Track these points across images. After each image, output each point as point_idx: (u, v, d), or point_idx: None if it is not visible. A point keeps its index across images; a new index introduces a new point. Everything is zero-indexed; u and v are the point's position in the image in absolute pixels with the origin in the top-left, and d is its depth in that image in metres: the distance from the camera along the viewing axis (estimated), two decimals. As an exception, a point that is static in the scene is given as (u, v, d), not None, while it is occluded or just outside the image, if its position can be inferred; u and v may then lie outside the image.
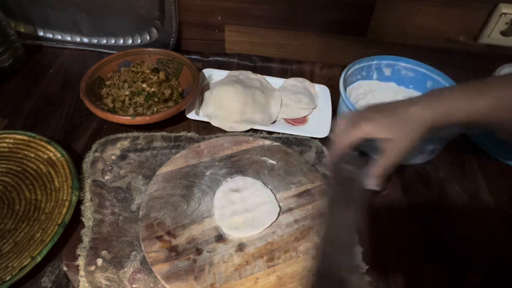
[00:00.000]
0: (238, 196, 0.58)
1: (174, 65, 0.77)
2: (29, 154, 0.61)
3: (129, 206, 0.57)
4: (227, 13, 0.81)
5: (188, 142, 0.67)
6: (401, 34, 0.80)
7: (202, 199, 0.58)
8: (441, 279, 0.52)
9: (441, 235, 0.57)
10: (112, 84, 0.72)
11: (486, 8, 0.74)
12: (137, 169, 0.62)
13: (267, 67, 0.86)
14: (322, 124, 0.71)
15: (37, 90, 0.76)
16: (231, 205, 0.57)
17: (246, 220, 0.55)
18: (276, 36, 0.84)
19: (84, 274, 0.49)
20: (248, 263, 0.51)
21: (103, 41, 0.86)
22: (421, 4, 0.75)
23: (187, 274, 0.49)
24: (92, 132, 0.68)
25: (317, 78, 0.83)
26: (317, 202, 0.58)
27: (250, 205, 0.57)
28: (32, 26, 0.85)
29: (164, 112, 0.66)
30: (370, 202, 0.60)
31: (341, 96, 0.68)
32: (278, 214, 0.56)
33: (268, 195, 0.58)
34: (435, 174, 0.66)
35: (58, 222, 0.52)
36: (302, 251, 0.52)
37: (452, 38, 0.80)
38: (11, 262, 0.49)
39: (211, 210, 0.57)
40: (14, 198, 0.56)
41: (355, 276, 0.48)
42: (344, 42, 0.83)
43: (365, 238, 0.56)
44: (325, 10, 0.78)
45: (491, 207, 0.61)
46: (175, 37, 0.83)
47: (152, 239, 0.53)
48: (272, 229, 0.55)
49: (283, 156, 0.64)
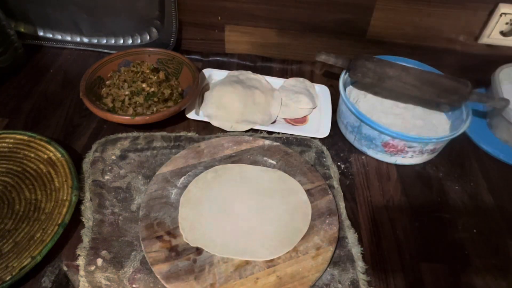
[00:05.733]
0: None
1: (174, 65, 0.77)
2: (29, 154, 0.61)
3: (129, 206, 0.57)
4: (227, 13, 0.81)
5: (188, 142, 0.67)
6: (401, 34, 0.80)
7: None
8: (441, 279, 0.52)
9: (441, 235, 0.57)
10: (112, 84, 0.72)
11: (486, 8, 0.74)
12: (137, 169, 0.62)
13: (267, 67, 0.86)
14: (322, 124, 0.72)
15: (37, 90, 0.76)
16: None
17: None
18: (276, 36, 0.84)
19: (84, 274, 0.49)
20: (248, 263, 0.51)
21: (103, 41, 0.86)
22: (421, 4, 0.75)
23: (187, 274, 0.49)
24: (92, 132, 0.68)
25: (317, 78, 0.84)
26: (317, 202, 0.58)
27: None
28: (32, 26, 0.85)
29: (164, 112, 0.66)
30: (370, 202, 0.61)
31: (341, 96, 0.68)
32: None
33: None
34: (435, 174, 0.66)
35: (58, 222, 0.52)
36: (302, 251, 0.52)
37: (452, 38, 0.80)
38: (11, 262, 0.49)
39: (211, 210, 0.57)
40: (14, 198, 0.56)
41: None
42: (344, 42, 0.83)
43: (365, 238, 0.56)
44: (325, 10, 0.78)
45: (491, 207, 0.61)
46: (175, 37, 0.83)
47: (152, 239, 0.53)
48: (272, 229, 0.55)
49: (283, 156, 0.64)
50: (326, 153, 0.67)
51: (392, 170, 0.66)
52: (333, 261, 0.52)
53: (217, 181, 0.60)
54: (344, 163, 0.66)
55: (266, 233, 0.54)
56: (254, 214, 0.56)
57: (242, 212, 0.56)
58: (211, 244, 0.52)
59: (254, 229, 0.54)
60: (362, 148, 0.68)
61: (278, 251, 0.52)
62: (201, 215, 0.55)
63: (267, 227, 0.55)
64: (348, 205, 0.60)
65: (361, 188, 0.63)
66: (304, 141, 0.68)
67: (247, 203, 0.57)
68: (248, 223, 0.55)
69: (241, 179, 0.60)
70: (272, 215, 0.56)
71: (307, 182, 0.61)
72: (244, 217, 0.55)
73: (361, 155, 0.68)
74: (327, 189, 0.60)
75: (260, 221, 0.55)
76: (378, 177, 0.65)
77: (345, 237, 0.55)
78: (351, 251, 0.53)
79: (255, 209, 0.57)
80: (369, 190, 0.63)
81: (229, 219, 0.55)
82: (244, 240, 0.53)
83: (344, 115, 0.69)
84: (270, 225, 0.55)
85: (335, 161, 0.66)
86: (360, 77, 0.68)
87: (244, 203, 0.57)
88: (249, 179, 0.60)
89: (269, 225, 0.55)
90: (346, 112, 0.68)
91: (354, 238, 0.55)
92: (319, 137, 0.69)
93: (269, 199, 0.58)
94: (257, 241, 0.53)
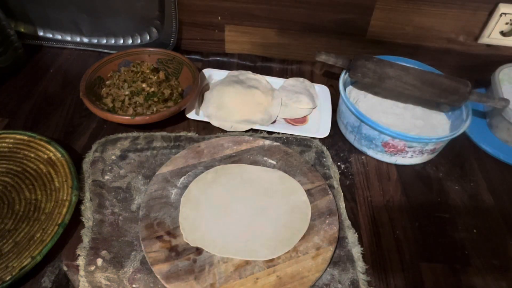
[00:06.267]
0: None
1: (174, 65, 0.77)
2: (29, 154, 0.61)
3: (129, 206, 0.57)
4: (227, 13, 0.81)
5: (188, 142, 0.67)
6: (401, 34, 0.80)
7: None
8: (441, 279, 0.52)
9: (441, 235, 0.57)
10: (112, 84, 0.72)
11: (486, 8, 0.74)
12: (137, 169, 0.62)
13: (267, 67, 0.86)
14: (322, 124, 0.72)
15: (37, 90, 0.76)
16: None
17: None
18: (276, 36, 0.84)
19: (84, 274, 0.49)
20: (248, 263, 0.51)
21: (103, 41, 0.86)
22: (421, 4, 0.75)
23: (187, 274, 0.49)
24: (92, 132, 0.68)
25: (317, 78, 0.84)
26: (317, 202, 0.58)
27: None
28: (32, 26, 0.85)
29: (164, 112, 0.66)
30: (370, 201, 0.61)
31: (341, 96, 0.68)
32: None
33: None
34: (435, 174, 0.66)
35: (58, 222, 0.52)
36: (302, 251, 0.52)
37: (452, 38, 0.80)
38: (11, 262, 0.49)
39: (211, 210, 0.57)
40: (14, 198, 0.56)
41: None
42: (344, 42, 0.83)
43: (365, 238, 0.56)
44: (325, 10, 0.78)
45: (491, 207, 0.61)
46: (175, 37, 0.83)
47: (152, 239, 0.53)
48: (272, 229, 0.55)
49: (283, 156, 0.64)
50: (326, 153, 0.67)
51: (392, 170, 0.66)
52: (333, 261, 0.52)
53: (217, 182, 0.60)
54: (344, 163, 0.66)
55: (266, 233, 0.54)
56: (254, 214, 0.56)
57: (242, 212, 0.56)
58: (211, 244, 0.52)
59: (254, 229, 0.54)
60: (362, 148, 0.68)
61: (278, 251, 0.52)
62: (202, 215, 0.55)
63: (267, 227, 0.55)
64: (348, 205, 0.60)
65: (361, 188, 0.63)
66: (304, 141, 0.68)
67: (247, 203, 0.57)
68: (248, 223, 0.55)
69: (241, 179, 0.60)
70: (272, 215, 0.56)
71: (307, 182, 0.61)
72: (244, 217, 0.55)
73: (361, 155, 0.68)
74: (327, 189, 0.60)
75: (260, 221, 0.55)
76: (378, 177, 0.65)
77: (345, 237, 0.55)
78: (351, 251, 0.53)
79: (255, 209, 0.57)
80: (369, 190, 0.63)
81: (229, 219, 0.55)
82: (244, 240, 0.53)
83: (344, 115, 0.69)
84: (270, 225, 0.55)
85: (335, 161, 0.66)
86: (360, 77, 0.68)
87: (244, 203, 0.57)
88: (249, 179, 0.60)
89: (269, 225, 0.55)
90: (346, 112, 0.68)
91: (354, 238, 0.55)
92: (319, 137, 0.69)
93: (269, 199, 0.58)
94: (257, 241, 0.53)
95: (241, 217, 0.55)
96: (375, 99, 0.73)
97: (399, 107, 0.72)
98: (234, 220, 0.55)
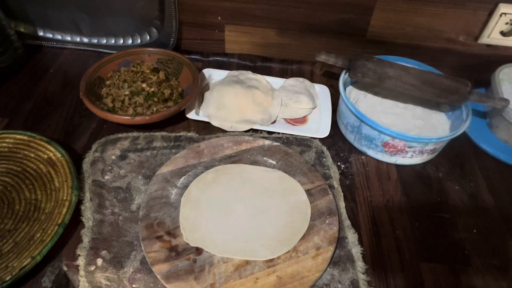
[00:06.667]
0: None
1: (174, 65, 0.77)
2: (29, 154, 0.61)
3: (129, 206, 0.57)
4: (227, 13, 0.81)
5: (188, 142, 0.67)
6: (401, 34, 0.80)
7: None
8: (441, 279, 0.52)
9: (441, 235, 0.57)
10: (112, 84, 0.72)
11: (486, 8, 0.74)
12: (137, 169, 0.62)
13: (267, 67, 0.86)
14: (322, 124, 0.72)
15: (37, 90, 0.76)
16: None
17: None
18: (276, 36, 0.84)
19: (84, 274, 0.49)
20: (248, 263, 0.51)
21: (103, 41, 0.86)
22: (421, 4, 0.75)
23: (187, 274, 0.49)
24: (92, 132, 0.68)
25: (317, 78, 0.84)
26: (317, 202, 0.58)
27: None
28: (32, 26, 0.85)
29: (164, 112, 0.66)
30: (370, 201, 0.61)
31: (341, 96, 0.68)
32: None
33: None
34: (435, 174, 0.66)
35: (58, 222, 0.52)
36: (302, 251, 0.52)
37: (452, 38, 0.80)
38: (11, 262, 0.49)
39: (211, 210, 0.57)
40: (14, 198, 0.56)
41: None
42: (344, 42, 0.83)
43: (365, 238, 0.56)
44: (325, 10, 0.78)
45: (491, 207, 0.61)
46: (175, 37, 0.83)
47: (152, 239, 0.53)
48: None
49: (283, 156, 0.64)
50: (326, 153, 0.67)
51: (392, 170, 0.66)
52: (333, 261, 0.52)
53: (217, 182, 0.60)
54: (344, 163, 0.66)
55: (266, 233, 0.54)
56: (254, 214, 0.56)
57: (242, 212, 0.56)
58: (211, 244, 0.52)
59: (254, 229, 0.54)
60: (362, 148, 0.68)
61: (278, 251, 0.52)
62: (202, 215, 0.55)
63: (267, 227, 0.55)
64: (348, 205, 0.60)
65: (361, 188, 0.63)
66: (304, 141, 0.68)
67: (247, 203, 0.57)
68: (248, 223, 0.55)
69: (241, 180, 0.60)
70: (272, 215, 0.56)
71: (307, 182, 0.61)
72: (244, 217, 0.55)
73: (361, 155, 0.68)
74: (327, 189, 0.60)
75: (260, 221, 0.55)
76: (378, 177, 0.65)
77: (345, 237, 0.55)
78: (351, 251, 0.53)
79: (255, 209, 0.57)
80: (369, 190, 0.63)
81: (229, 219, 0.55)
82: (244, 240, 0.53)
83: (344, 115, 0.69)
84: (270, 225, 0.55)
85: (335, 161, 0.66)
86: (360, 77, 0.68)
87: (244, 203, 0.57)
88: (249, 179, 0.60)
89: (269, 225, 0.55)
90: (346, 112, 0.68)
91: (354, 238, 0.55)
92: (319, 137, 0.69)
93: (269, 199, 0.58)
94: (257, 241, 0.53)
95: (241, 217, 0.55)
96: (375, 99, 0.73)
97: (399, 107, 0.72)
98: (234, 220, 0.55)
